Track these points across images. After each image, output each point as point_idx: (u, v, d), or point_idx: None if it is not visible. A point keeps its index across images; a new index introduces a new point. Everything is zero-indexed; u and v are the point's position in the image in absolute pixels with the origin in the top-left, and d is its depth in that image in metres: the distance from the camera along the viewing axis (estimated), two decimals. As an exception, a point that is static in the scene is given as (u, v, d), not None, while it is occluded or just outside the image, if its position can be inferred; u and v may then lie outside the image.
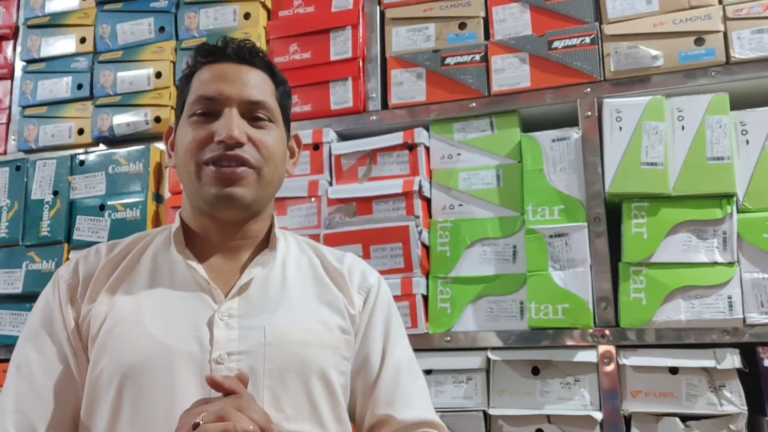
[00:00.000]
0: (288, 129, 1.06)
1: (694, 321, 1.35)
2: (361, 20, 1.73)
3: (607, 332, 1.39)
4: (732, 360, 1.31)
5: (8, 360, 0.96)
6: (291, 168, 1.08)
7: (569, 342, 1.42)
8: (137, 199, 1.74)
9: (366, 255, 1.54)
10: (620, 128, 1.44)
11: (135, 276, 0.97)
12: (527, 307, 1.45)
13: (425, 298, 1.53)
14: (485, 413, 1.43)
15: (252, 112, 0.97)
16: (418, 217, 1.54)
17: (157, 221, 1.75)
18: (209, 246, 1.00)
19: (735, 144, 1.40)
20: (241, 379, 0.82)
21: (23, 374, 0.92)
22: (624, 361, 1.36)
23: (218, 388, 0.79)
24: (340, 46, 1.72)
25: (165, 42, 1.87)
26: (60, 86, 1.94)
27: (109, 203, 1.75)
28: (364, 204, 1.59)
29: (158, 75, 1.85)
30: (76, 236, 1.76)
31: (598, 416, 1.36)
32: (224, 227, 0.99)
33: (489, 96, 1.59)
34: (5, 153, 1.98)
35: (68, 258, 1.76)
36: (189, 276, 0.96)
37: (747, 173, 1.39)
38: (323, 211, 1.61)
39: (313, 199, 1.63)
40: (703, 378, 1.33)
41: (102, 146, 1.89)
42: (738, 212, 1.38)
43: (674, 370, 1.35)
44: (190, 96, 0.98)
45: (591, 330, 1.41)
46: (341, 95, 1.70)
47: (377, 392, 1.00)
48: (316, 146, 1.66)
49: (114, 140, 1.86)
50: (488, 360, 1.45)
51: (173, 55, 1.85)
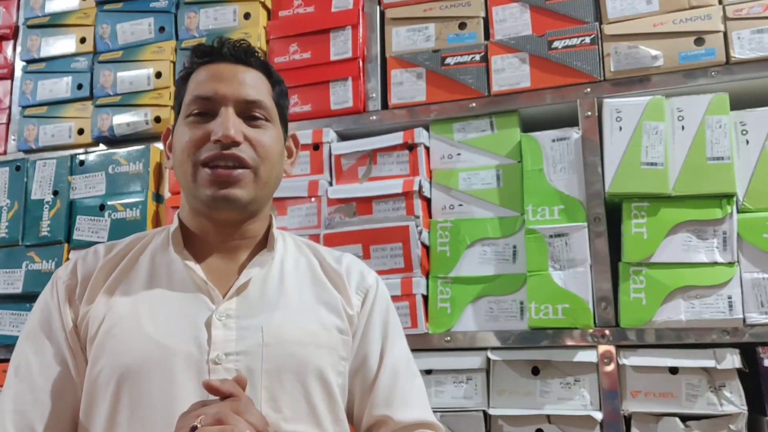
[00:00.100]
0: (285, 129, 1.06)
1: (694, 321, 1.35)
2: (361, 20, 1.73)
3: (607, 332, 1.39)
4: (732, 360, 1.31)
5: (8, 360, 0.97)
6: (289, 168, 1.08)
7: (569, 342, 1.41)
8: (137, 199, 1.73)
9: (366, 255, 1.54)
10: (620, 128, 1.44)
11: (133, 277, 0.97)
12: (527, 307, 1.45)
13: (425, 298, 1.53)
14: (485, 413, 1.43)
15: (248, 112, 0.97)
16: (418, 217, 1.54)
17: (157, 221, 1.75)
18: (207, 246, 1.00)
19: (735, 144, 1.40)
20: (239, 382, 0.82)
21: (22, 375, 0.93)
22: (624, 361, 1.36)
23: (215, 393, 0.79)
24: (340, 46, 1.72)
25: (165, 42, 1.87)
26: (60, 86, 1.94)
27: (109, 203, 1.75)
28: (364, 204, 1.59)
29: (158, 75, 1.85)
30: (76, 236, 1.76)
31: (598, 416, 1.36)
32: (222, 228, 0.99)
33: (489, 96, 1.59)
34: (5, 153, 1.98)
35: (68, 258, 1.76)
36: (187, 276, 0.96)
37: (747, 173, 1.39)
38: (323, 211, 1.61)
39: (313, 199, 1.63)
40: (703, 378, 1.33)
41: (102, 146, 1.89)
42: (738, 212, 1.37)
43: (674, 370, 1.35)
44: (187, 96, 0.99)
45: (591, 330, 1.41)
46: (341, 95, 1.70)
47: (375, 393, 1.00)
48: (316, 146, 1.66)
49: (114, 140, 1.86)
50: (488, 360, 1.45)
51: (173, 55, 1.85)
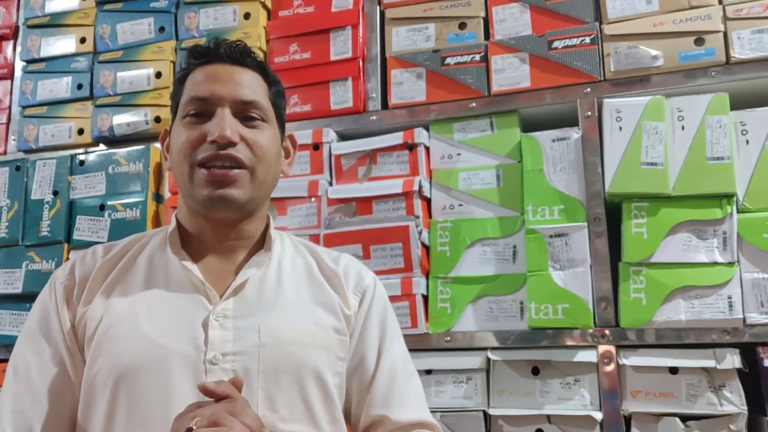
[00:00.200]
0: (282, 129, 1.06)
1: (694, 321, 1.35)
2: (361, 20, 1.73)
3: (607, 332, 1.39)
4: (732, 360, 1.31)
5: (8, 360, 0.97)
6: (286, 168, 1.08)
7: (569, 342, 1.41)
8: (137, 199, 1.73)
9: (366, 255, 1.54)
10: (620, 128, 1.44)
11: (131, 277, 0.98)
12: (527, 307, 1.45)
13: (425, 298, 1.53)
14: (485, 413, 1.43)
15: (244, 112, 0.97)
16: (418, 217, 1.54)
17: (157, 221, 1.75)
18: (204, 247, 1.00)
19: (735, 144, 1.40)
20: (235, 383, 0.82)
21: (20, 375, 0.93)
22: (624, 361, 1.36)
23: (211, 395, 0.79)
24: (340, 46, 1.72)
25: (165, 42, 1.87)
26: (60, 86, 1.94)
27: (109, 203, 1.75)
28: (364, 204, 1.59)
29: (158, 75, 1.85)
30: (76, 236, 1.76)
31: (598, 416, 1.36)
32: (219, 228, 0.99)
33: (489, 96, 1.59)
34: (5, 153, 1.98)
35: (68, 258, 1.76)
36: (184, 277, 0.96)
37: (747, 173, 1.39)
38: (323, 211, 1.61)
39: (313, 199, 1.62)
40: (703, 378, 1.33)
41: (102, 146, 1.89)
42: (738, 212, 1.37)
43: (674, 370, 1.35)
44: (183, 97, 0.99)
45: (591, 330, 1.40)
46: (341, 95, 1.70)
47: (372, 393, 1.00)
48: (316, 146, 1.66)
49: (114, 140, 1.86)
50: (488, 360, 1.45)
51: (173, 55, 1.85)
